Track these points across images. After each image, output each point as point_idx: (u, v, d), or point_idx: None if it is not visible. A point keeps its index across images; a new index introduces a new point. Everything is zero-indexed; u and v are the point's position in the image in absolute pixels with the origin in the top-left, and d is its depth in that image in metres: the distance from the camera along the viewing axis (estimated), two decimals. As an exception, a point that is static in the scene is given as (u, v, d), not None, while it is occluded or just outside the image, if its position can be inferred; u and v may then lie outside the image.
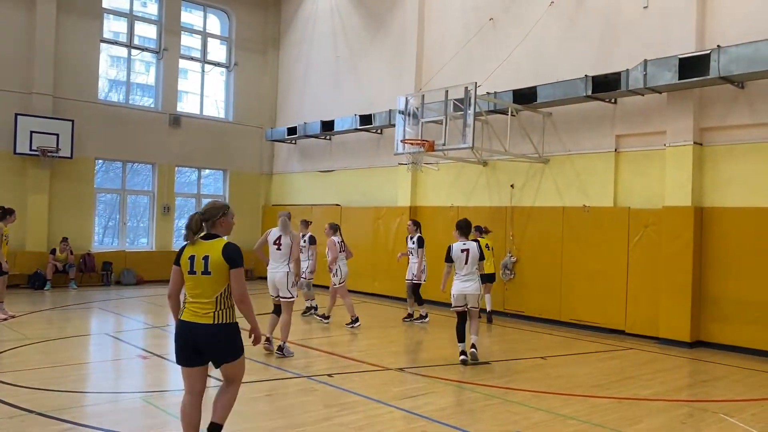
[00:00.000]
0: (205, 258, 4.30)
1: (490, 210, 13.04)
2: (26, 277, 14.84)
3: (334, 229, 11.20)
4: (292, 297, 8.42)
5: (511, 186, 12.87)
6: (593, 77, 10.81)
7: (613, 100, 11.30)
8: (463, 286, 8.35)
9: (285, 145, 19.06)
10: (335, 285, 10.99)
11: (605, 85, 10.70)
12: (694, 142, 10.11)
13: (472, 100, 11.07)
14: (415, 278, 11.55)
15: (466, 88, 11.12)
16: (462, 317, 8.46)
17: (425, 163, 13.89)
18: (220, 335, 4.32)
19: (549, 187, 12.29)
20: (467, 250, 8.37)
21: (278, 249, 8.52)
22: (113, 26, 17.51)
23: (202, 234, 4.50)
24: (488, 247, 11.31)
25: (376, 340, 10.34)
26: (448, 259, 8.45)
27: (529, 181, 12.62)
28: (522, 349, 9.64)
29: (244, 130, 19.19)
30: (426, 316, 11.73)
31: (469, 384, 7.24)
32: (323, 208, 16.99)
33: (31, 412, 5.63)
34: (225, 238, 4.51)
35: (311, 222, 12.18)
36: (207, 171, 19.23)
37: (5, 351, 8.19)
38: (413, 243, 11.64)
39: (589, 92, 10.88)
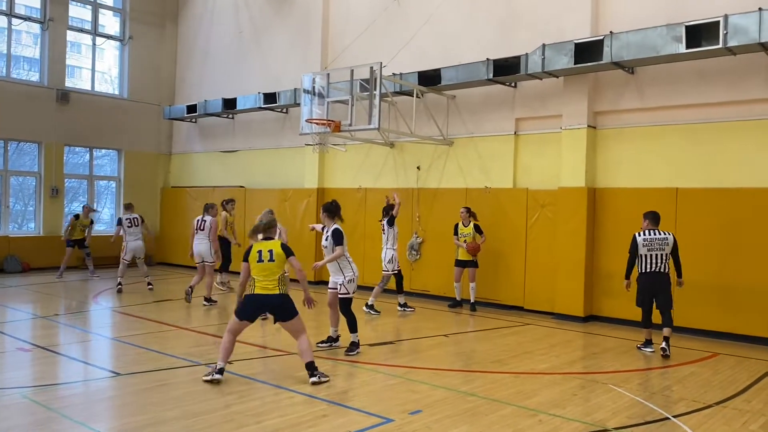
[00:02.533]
0: (270, 251, 6.51)
1: (398, 191, 13.04)
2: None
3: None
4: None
5: (417, 168, 12.95)
6: (494, 61, 11.00)
7: (513, 84, 11.57)
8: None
9: (185, 124, 18.28)
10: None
11: (506, 69, 10.92)
12: (588, 126, 10.53)
13: (378, 81, 10.98)
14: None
15: (372, 68, 11.00)
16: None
17: (333, 144, 13.73)
18: (284, 302, 6.49)
19: (453, 168, 12.47)
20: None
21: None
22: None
23: (262, 237, 6.72)
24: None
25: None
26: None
27: (435, 163, 12.75)
28: (426, 327, 9.76)
29: (140, 108, 18.21)
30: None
31: (372, 365, 7.22)
32: (226, 189, 16.45)
33: None
34: (277, 239, 6.76)
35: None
36: (101, 151, 18.12)
37: None
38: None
39: (491, 76, 11.07)
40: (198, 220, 11.36)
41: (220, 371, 6.32)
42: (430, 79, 11.92)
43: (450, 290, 12.13)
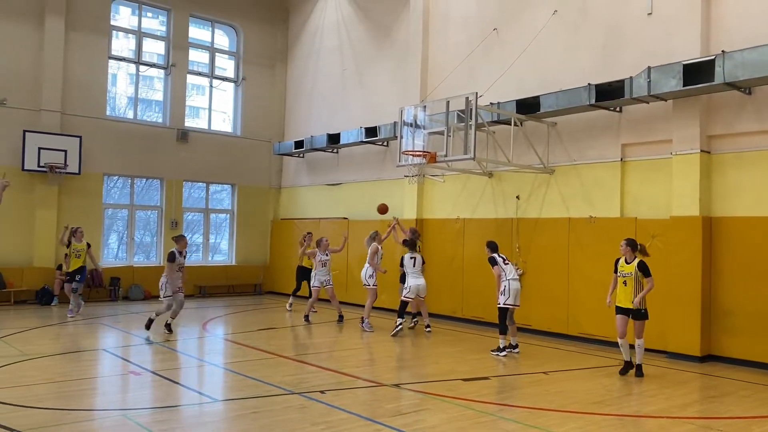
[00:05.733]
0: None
1: (496, 222, 12.83)
2: (34, 292, 14.89)
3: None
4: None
5: (517, 197, 12.65)
6: (597, 86, 10.61)
7: (618, 109, 11.08)
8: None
9: (293, 159, 19.04)
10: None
11: (609, 94, 10.49)
12: (701, 150, 9.84)
13: (474, 111, 10.92)
14: None
15: (467, 98, 10.97)
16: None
17: (431, 175, 13.78)
18: None
19: (554, 197, 12.07)
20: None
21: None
22: (122, 43, 17.67)
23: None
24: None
25: (376, 355, 10.17)
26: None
27: (535, 192, 12.41)
28: (524, 364, 9.38)
29: (252, 145, 19.22)
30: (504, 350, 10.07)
31: (464, 400, 7.02)
32: (331, 221, 16.90)
33: (9, 429, 5.53)
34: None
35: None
36: (217, 186, 19.24)
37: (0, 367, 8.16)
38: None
39: (593, 101, 10.67)
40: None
41: None
42: (528, 106, 11.68)
43: (555, 324, 11.63)
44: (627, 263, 8.54)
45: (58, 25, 15.64)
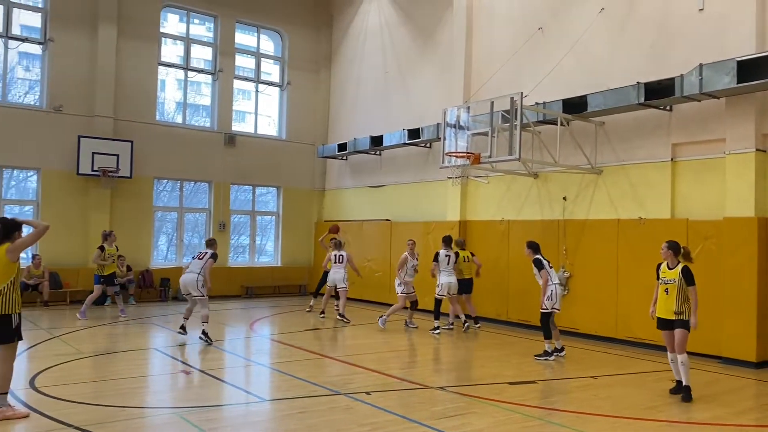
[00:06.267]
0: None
1: (542, 223, 12.66)
2: (88, 293, 15.33)
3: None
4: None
5: (564, 198, 12.47)
6: (646, 84, 10.37)
7: (668, 108, 10.81)
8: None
9: (336, 162, 19.20)
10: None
11: (659, 92, 10.24)
12: (757, 149, 9.52)
13: (519, 111, 10.81)
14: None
15: (512, 98, 10.86)
16: None
17: (475, 176, 13.69)
18: None
19: (602, 198, 11.84)
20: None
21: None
22: (170, 49, 18.12)
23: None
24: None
25: (420, 357, 10.16)
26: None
27: (582, 193, 12.20)
28: (571, 368, 9.23)
29: (296, 148, 19.45)
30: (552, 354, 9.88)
31: (510, 404, 6.95)
32: (374, 223, 16.96)
33: (67, 425, 5.74)
34: None
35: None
36: (263, 188, 19.54)
37: (57, 365, 8.46)
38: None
39: (642, 100, 10.43)
40: (335, 255, 13.51)
41: None
42: (575, 106, 11.50)
43: (603, 327, 11.40)
44: (669, 269, 7.57)
45: (111, 34, 16.15)
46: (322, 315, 13.88)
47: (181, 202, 18.00)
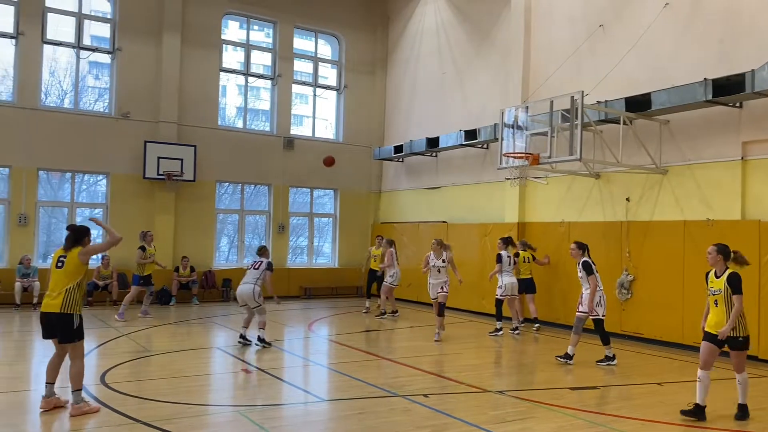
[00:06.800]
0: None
1: (604, 225, 12.35)
2: (155, 293, 15.88)
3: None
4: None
5: (627, 199, 12.12)
6: (713, 80, 9.98)
7: (737, 104, 10.36)
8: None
9: (392, 164, 19.25)
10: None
11: (727, 89, 9.84)
12: (837, 146, 9.02)
13: (580, 110, 10.58)
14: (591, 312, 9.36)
15: (572, 97, 10.65)
16: None
17: (534, 177, 13.48)
18: None
19: (668, 199, 11.46)
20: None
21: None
22: (230, 56, 18.58)
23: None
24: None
25: (479, 360, 10.07)
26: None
27: (646, 194, 11.83)
28: (635, 373, 8.96)
29: (353, 150, 19.61)
30: (613, 358, 9.44)
31: (572, 410, 6.81)
32: (430, 225, 16.92)
33: (137, 421, 5.96)
34: None
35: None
36: (320, 191, 19.79)
37: (125, 362, 8.79)
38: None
39: (710, 97, 10.05)
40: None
41: None
42: (638, 104, 11.17)
43: (669, 332, 11.01)
44: (717, 277, 6.62)
45: (175, 42, 16.69)
46: (383, 315, 14.07)
47: (242, 204, 18.42)
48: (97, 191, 16.89)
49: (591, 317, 9.38)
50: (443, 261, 11.30)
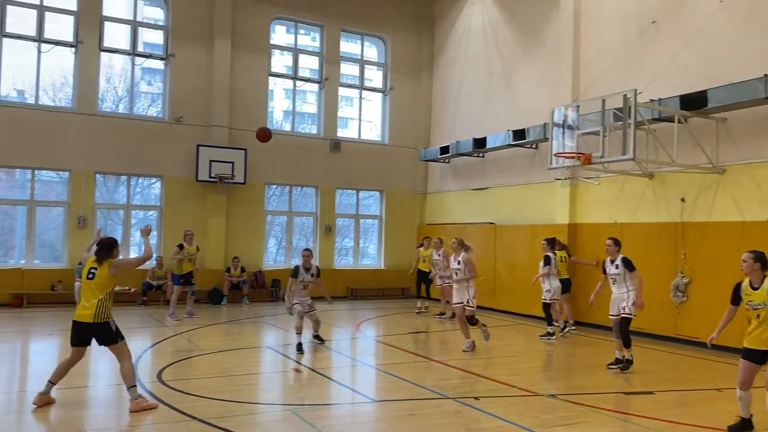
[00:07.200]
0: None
1: (658, 226, 12.04)
2: (206, 292, 16.27)
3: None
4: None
5: (682, 200, 11.78)
6: (775, 75, 9.62)
7: (801, 100, 9.96)
8: None
9: (438, 165, 19.19)
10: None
11: (790, 84, 9.47)
12: None
13: (633, 109, 10.35)
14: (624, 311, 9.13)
15: (625, 96, 10.43)
16: None
17: (585, 177, 13.25)
18: None
19: (725, 199, 11.08)
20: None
21: None
22: (278, 60, 18.85)
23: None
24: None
25: (530, 364, 9.94)
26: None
27: (702, 194, 11.48)
28: (692, 378, 8.71)
29: (399, 152, 19.64)
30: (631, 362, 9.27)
31: (626, 414, 6.67)
32: (477, 226, 16.80)
33: (193, 418, 6.11)
34: None
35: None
36: (366, 192, 19.89)
37: (180, 360, 9.02)
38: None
39: (771, 93, 9.69)
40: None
41: None
42: (693, 102, 10.86)
43: (727, 337, 10.60)
44: (754, 288, 6.16)
45: (226, 47, 17.05)
46: (442, 315, 14.29)
47: (290, 206, 18.67)
48: (151, 194, 17.38)
49: (621, 315, 9.02)
50: (458, 262, 10.20)
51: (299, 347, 9.77)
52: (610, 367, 9.07)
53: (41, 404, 6.44)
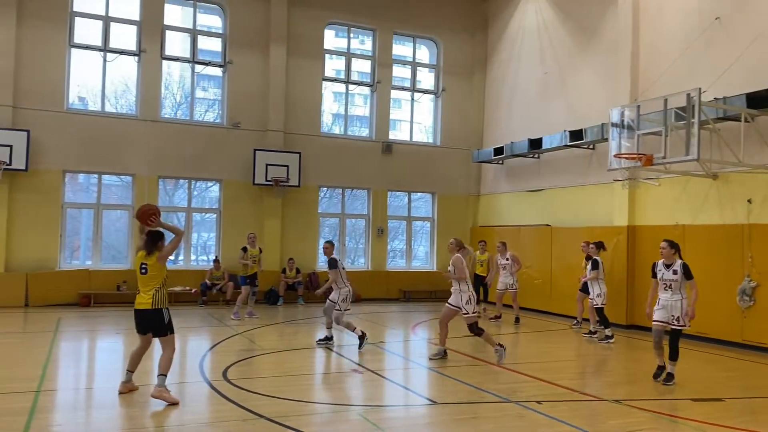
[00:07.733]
0: None
1: (723, 228, 11.68)
2: (263, 293, 16.59)
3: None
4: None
5: (749, 201, 11.40)
6: None
7: None
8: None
9: (492, 166, 19.06)
10: None
11: None
12: None
13: (696, 108, 10.08)
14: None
15: (689, 94, 10.17)
16: None
17: (644, 178, 12.95)
18: None
19: (796, 200, 10.69)
20: None
21: None
22: (330, 64, 19.05)
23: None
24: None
25: (589, 367, 9.79)
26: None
27: (770, 195, 11.09)
28: (762, 385, 8.41)
29: (451, 154, 19.60)
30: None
31: (695, 422, 6.49)
32: (532, 228, 16.62)
33: (260, 416, 6.26)
34: None
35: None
36: (417, 194, 19.91)
37: (243, 360, 9.24)
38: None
39: None
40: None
41: None
42: (762, 100, 10.51)
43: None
44: None
45: (281, 53, 17.36)
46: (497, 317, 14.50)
47: (343, 208, 18.86)
48: (210, 197, 17.83)
49: (674, 327, 8.29)
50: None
51: (361, 340, 10.26)
52: (657, 380, 8.41)
53: (126, 391, 6.97)
